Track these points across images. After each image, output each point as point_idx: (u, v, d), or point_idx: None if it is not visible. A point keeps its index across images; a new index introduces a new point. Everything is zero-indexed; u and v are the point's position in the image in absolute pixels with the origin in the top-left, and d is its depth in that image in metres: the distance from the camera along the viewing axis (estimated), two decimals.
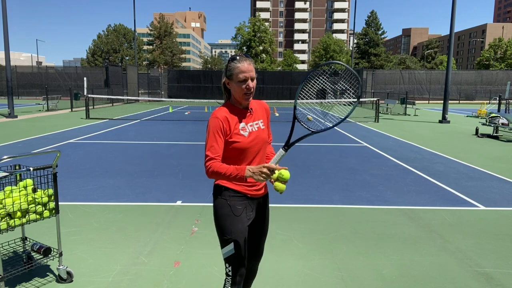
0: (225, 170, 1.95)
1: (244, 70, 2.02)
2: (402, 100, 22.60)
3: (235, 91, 2.08)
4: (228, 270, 2.13)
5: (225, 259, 2.13)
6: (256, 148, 2.13)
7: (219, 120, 2.03)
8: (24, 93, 36.17)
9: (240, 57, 2.05)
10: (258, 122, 2.18)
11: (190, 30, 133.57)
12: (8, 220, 2.79)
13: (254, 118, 2.17)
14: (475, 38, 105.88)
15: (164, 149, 9.49)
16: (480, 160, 8.46)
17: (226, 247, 2.12)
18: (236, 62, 2.04)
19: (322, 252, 3.76)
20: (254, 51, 61.23)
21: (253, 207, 2.20)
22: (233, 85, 2.08)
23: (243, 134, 2.08)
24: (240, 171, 1.93)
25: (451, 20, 17.44)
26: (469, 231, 4.36)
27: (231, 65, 2.05)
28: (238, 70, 2.03)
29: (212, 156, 1.99)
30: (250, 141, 2.10)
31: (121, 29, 65.88)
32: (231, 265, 2.12)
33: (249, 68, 2.03)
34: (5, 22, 16.86)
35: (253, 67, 2.07)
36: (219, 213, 2.13)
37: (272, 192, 2.23)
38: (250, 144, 2.10)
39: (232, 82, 2.07)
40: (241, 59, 2.04)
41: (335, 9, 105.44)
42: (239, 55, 2.08)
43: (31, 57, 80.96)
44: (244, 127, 2.10)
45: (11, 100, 17.34)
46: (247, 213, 2.16)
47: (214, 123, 2.03)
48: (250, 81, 2.04)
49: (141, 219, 4.59)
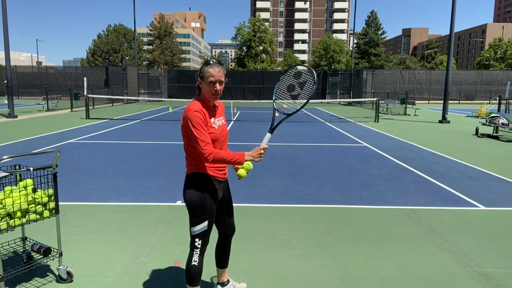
0: (226, 155, 2.33)
1: (213, 74, 2.36)
2: (402, 100, 22.60)
3: (205, 90, 2.42)
4: (198, 244, 2.50)
5: (197, 235, 2.49)
6: (222, 139, 2.50)
7: (200, 113, 2.36)
8: (24, 93, 36.18)
9: (213, 63, 2.40)
10: (221, 119, 2.56)
11: (190, 30, 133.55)
12: (8, 220, 2.79)
13: (218, 115, 2.55)
14: (475, 38, 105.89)
15: (164, 149, 9.49)
16: (480, 160, 8.46)
17: (199, 225, 2.47)
18: (209, 67, 2.38)
19: (322, 252, 3.76)
20: (254, 51, 61.22)
21: (221, 188, 2.59)
22: (203, 85, 2.42)
23: (214, 127, 2.44)
24: (241, 155, 2.33)
25: (451, 20, 17.45)
26: (469, 231, 4.36)
27: (204, 68, 2.40)
28: (208, 74, 2.37)
29: (207, 146, 2.31)
30: (219, 133, 2.46)
31: (121, 29, 65.85)
32: (201, 239, 2.49)
33: (219, 74, 2.37)
34: (5, 22, 16.86)
35: (223, 73, 2.41)
36: (197, 196, 2.45)
37: (277, 194, 2.25)
38: (219, 136, 2.46)
39: (203, 83, 2.41)
40: (213, 65, 2.38)
41: (335, 9, 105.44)
42: (213, 61, 2.41)
43: (31, 57, 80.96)
44: (214, 121, 2.46)
45: (11, 100, 17.33)
46: (218, 194, 2.55)
47: (199, 116, 2.34)
48: (218, 84, 2.39)
49: (141, 219, 4.60)
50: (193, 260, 2.51)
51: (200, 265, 2.53)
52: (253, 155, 2.31)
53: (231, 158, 2.31)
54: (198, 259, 2.51)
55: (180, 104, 29.65)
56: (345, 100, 33.02)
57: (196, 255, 2.50)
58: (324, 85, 35.52)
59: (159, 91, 36.33)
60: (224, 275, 2.93)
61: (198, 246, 2.49)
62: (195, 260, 2.51)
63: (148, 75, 37.06)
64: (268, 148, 2.29)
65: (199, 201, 2.46)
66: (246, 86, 34.87)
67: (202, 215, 2.46)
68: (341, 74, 37.23)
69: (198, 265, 2.52)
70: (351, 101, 31.48)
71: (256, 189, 5.92)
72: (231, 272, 3.17)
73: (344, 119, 18.36)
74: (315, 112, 23.11)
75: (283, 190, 5.91)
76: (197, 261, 2.51)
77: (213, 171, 2.49)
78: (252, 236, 4.09)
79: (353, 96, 32.65)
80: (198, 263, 2.52)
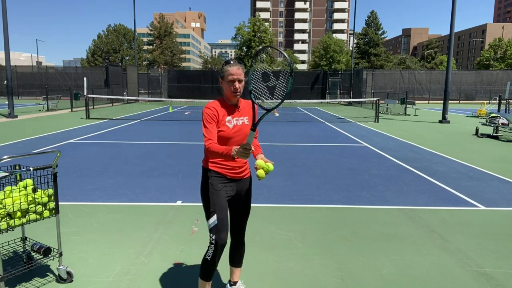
0: (218, 149, 2.39)
1: (233, 73, 2.46)
2: (402, 100, 22.60)
3: (226, 89, 2.53)
4: (212, 238, 2.54)
5: (210, 229, 2.55)
6: (238, 138, 2.54)
7: (212, 110, 2.50)
8: (24, 93, 36.15)
9: (233, 62, 2.50)
10: (243, 118, 2.60)
11: (190, 30, 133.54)
12: (8, 220, 2.79)
13: (240, 115, 2.59)
14: (475, 38, 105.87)
15: (164, 149, 9.49)
16: (480, 160, 8.46)
17: (210, 219, 2.54)
18: (228, 66, 2.48)
19: (322, 252, 3.76)
20: (254, 51, 61.20)
21: (233, 187, 2.63)
22: (224, 84, 2.52)
23: (228, 125, 2.52)
24: (229, 150, 2.35)
25: (451, 20, 17.44)
26: (469, 231, 4.36)
27: (224, 68, 2.50)
28: (228, 72, 2.47)
29: (210, 137, 2.43)
30: (233, 132, 2.53)
31: (121, 29, 65.81)
32: (214, 235, 2.52)
33: (238, 72, 2.47)
34: (5, 22, 16.86)
35: (242, 71, 2.50)
36: (204, 190, 2.59)
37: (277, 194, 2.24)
38: (233, 135, 2.52)
39: (224, 82, 2.51)
40: (233, 64, 2.49)
41: (335, 9, 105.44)
42: (233, 60, 2.52)
43: (31, 57, 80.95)
44: (230, 120, 2.53)
45: (11, 100, 17.33)
46: (227, 191, 2.59)
47: (208, 112, 2.49)
48: (237, 83, 2.48)
49: (141, 219, 4.59)
50: (207, 254, 2.55)
51: (213, 261, 2.54)
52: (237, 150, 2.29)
53: (222, 151, 2.36)
54: (211, 254, 2.53)
55: (180, 104, 29.65)
56: (345, 100, 33.02)
57: (211, 250, 2.53)
58: (324, 85, 35.54)
59: (160, 91, 36.33)
60: (234, 274, 2.92)
61: (212, 242, 2.52)
62: (209, 255, 2.54)
63: (148, 75, 37.03)
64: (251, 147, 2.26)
65: (204, 195, 2.58)
66: (246, 86, 34.80)
67: (209, 208, 2.55)
68: (341, 74, 37.23)
69: (210, 260, 2.54)
70: (351, 101, 31.47)
71: (256, 189, 5.90)
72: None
73: (344, 119, 18.36)
74: (315, 112, 23.11)
75: (283, 190, 5.91)
76: (211, 256, 2.53)
77: (221, 169, 2.57)
78: (252, 236, 4.09)
79: (353, 96, 32.64)
80: (211, 258, 2.53)
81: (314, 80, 35.70)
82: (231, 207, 2.73)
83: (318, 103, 31.76)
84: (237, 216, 2.77)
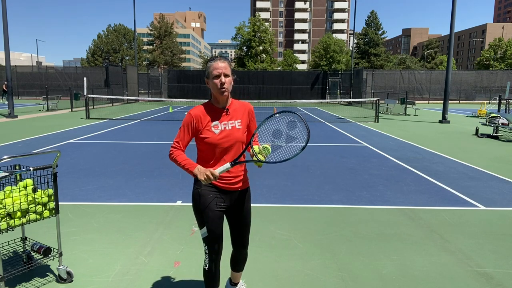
0: (181, 160, 2.28)
1: (217, 67, 2.27)
2: (402, 100, 22.59)
3: (212, 88, 2.32)
4: (205, 249, 2.44)
5: (202, 240, 2.44)
6: (227, 144, 2.33)
7: (191, 117, 2.32)
8: (24, 93, 36.13)
9: (216, 57, 2.32)
10: (234, 122, 2.38)
11: (190, 30, 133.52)
12: (8, 220, 2.79)
13: (230, 118, 2.38)
14: (475, 38, 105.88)
15: (164, 149, 9.48)
16: (480, 160, 8.46)
17: (201, 230, 2.42)
18: (212, 61, 2.31)
19: (322, 252, 3.76)
20: (254, 51, 61.19)
21: (225, 198, 2.43)
22: (210, 83, 2.32)
23: (214, 131, 2.31)
24: (191, 166, 2.24)
25: (451, 20, 17.44)
26: (469, 231, 4.36)
27: (208, 64, 2.33)
28: (212, 67, 2.29)
29: (176, 145, 2.32)
30: (220, 138, 2.31)
31: (121, 29, 65.83)
32: (207, 245, 2.42)
33: (222, 66, 2.27)
34: (5, 22, 16.86)
35: (227, 65, 2.30)
36: (194, 199, 2.42)
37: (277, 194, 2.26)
38: (220, 141, 2.31)
39: (209, 80, 2.31)
40: (216, 59, 2.31)
41: (335, 9, 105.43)
42: (216, 56, 2.36)
43: (31, 57, 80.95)
44: (216, 124, 2.33)
45: (11, 100, 17.33)
46: (217, 203, 2.39)
47: (186, 119, 2.33)
48: (223, 77, 2.27)
49: (141, 219, 4.59)
50: (204, 264, 2.49)
51: (210, 271, 2.45)
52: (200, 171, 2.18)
53: (183, 164, 2.25)
54: (208, 264, 2.45)
55: (180, 104, 29.65)
56: (345, 100, 33.01)
57: (206, 260, 2.46)
58: (324, 85, 35.57)
59: (160, 91, 36.33)
60: (235, 277, 2.88)
61: (206, 252, 2.44)
62: (206, 264, 2.47)
63: (148, 75, 37.03)
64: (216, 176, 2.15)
65: (195, 206, 2.42)
66: (246, 86, 34.91)
67: (199, 220, 2.42)
68: (341, 74, 37.23)
69: (208, 270, 2.46)
70: (351, 101, 31.46)
71: (256, 189, 5.91)
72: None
73: (344, 119, 18.36)
74: (315, 112, 23.11)
75: (283, 190, 5.91)
76: (207, 266, 2.45)
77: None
78: (252, 236, 4.07)
79: (353, 96, 32.63)
80: (208, 268, 2.45)
81: (314, 80, 35.74)
82: (228, 220, 2.57)
83: (318, 103, 31.76)
84: (235, 230, 2.60)
